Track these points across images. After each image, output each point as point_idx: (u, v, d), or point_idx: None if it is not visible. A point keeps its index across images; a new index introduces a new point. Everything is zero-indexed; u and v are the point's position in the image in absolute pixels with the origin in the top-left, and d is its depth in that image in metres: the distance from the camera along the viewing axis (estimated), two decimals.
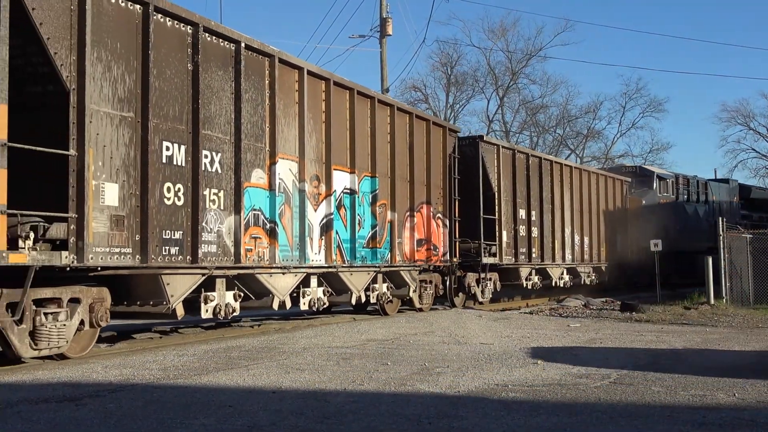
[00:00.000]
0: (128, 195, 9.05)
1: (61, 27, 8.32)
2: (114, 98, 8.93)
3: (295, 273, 12.08)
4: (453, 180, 17.10)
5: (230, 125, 10.74)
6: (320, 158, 12.76)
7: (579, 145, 54.82)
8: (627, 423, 5.78)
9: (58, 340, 8.56)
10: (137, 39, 9.28)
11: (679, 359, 9.35)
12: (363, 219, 13.84)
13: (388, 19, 30.12)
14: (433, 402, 6.54)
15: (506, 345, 10.65)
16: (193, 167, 9.99)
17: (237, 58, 10.86)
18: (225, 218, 10.54)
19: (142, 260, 9.16)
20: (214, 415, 5.98)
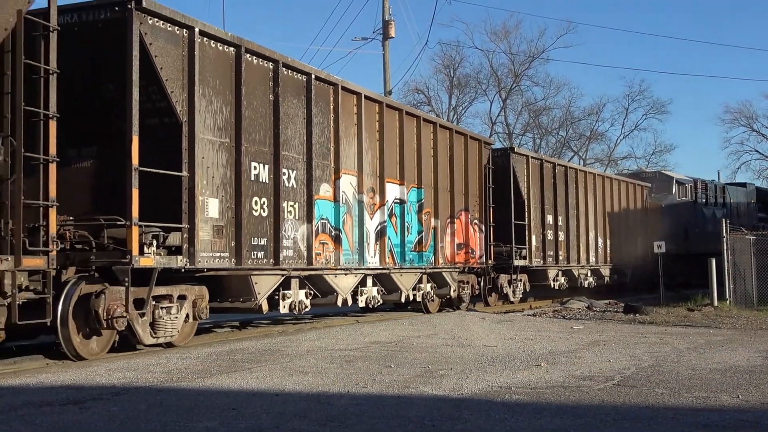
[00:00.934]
0: (226, 208, 10.74)
1: (175, 70, 10.02)
2: (215, 127, 10.62)
3: (356, 274, 13.74)
4: (488, 189, 18.70)
5: (303, 146, 12.41)
6: (375, 172, 14.40)
7: (582, 147, 54.61)
8: (631, 425, 5.80)
9: (171, 330, 10.27)
10: (231, 76, 10.97)
11: (682, 361, 9.31)
12: (411, 225, 15.47)
13: (390, 22, 30.00)
14: (436, 404, 6.55)
15: (509, 347, 10.67)
16: (274, 183, 11.67)
17: (308, 88, 12.53)
18: (299, 227, 12.21)
19: (236, 263, 10.86)
20: (217, 418, 6.00)
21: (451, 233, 17.09)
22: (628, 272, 27.24)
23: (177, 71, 10.04)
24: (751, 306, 18.06)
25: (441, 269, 16.65)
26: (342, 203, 13.30)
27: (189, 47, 10.19)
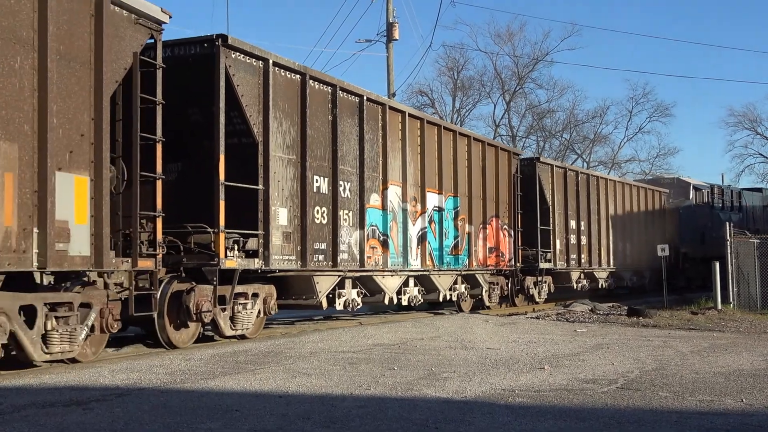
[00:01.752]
0: (293, 216, 12.20)
1: (253, 96, 11.50)
2: (284, 145, 12.09)
3: (400, 275, 15.19)
4: (516, 196, 20.10)
5: (356, 160, 13.87)
6: (417, 182, 15.84)
7: (586, 150, 54.32)
8: (634, 428, 5.80)
9: (247, 324, 11.74)
10: (297, 100, 12.44)
11: (685, 364, 9.32)
12: (448, 231, 16.90)
13: (394, 24, 29.84)
14: (440, 407, 6.56)
15: (513, 350, 10.73)
16: (332, 194, 13.13)
17: (360, 108, 13.98)
18: (353, 233, 13.66)
19: (301, 265, 12.32)
20: (221, 419, 6.02)
21: (484, 238, 18.50)
22: (647, 275, 28.54)
23: (254, 98, 11.52)
24: (754, 309, 18.09)
25: (474, 271, 18.07)
26: (389, 211, 14.74)
27: (264, 76, 11.67)
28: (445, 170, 16.84)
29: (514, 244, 20.02)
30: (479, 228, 18.32)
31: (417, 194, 15.84)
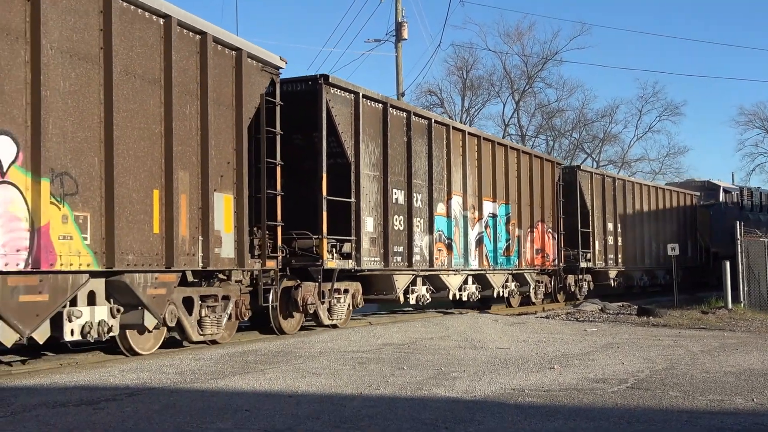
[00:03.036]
0: (377, 224, 14.43)
1: (346, 124, 13.75)
2: (370, 164, 14.32)
3: (462, 274, 17.38)
4: (558, 202, 22.21)
5: (426, 175, 16.07)
6: (475, 192, 18.00)
7: (595, 149, 53.87)
8: (644, 428, 5.78)
9: (340, 315, 13.99)
10: (380, 125, 14.67)
11: (696, 364, 9.30)
12: (500, 235, 19.05)
13: (403, 24, 29.81)
14: (449, 407, 6.56)
15: (522, 349, 10.73)
16: (408, 205, 15.34)
17: (429, 129, 16.18)
18: (424, 237, 15.87)
19: (384, 265, 14.54)
20: (231, 419, 6.04)
21: (531, 240, 20.63)
22: (680, 273, 30.42)
23: (347, 125, 13.76)
24: (765, 309, 18.19)
25: (523, 270, 20.21)
26: (452, 218, 16.93)
27: (355, 107, 13.91)
28: (498, 180, 18.98)
29: (558, 245, 22.14)
30: (527, 231, 20.45)
31: (475, 203, 18.00)
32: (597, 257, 24.25)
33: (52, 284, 8.15)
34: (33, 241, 7.84)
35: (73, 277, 8.42)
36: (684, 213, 31.57)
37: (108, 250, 8.75)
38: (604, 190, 25.10)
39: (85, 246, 8.49)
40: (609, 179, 25.83)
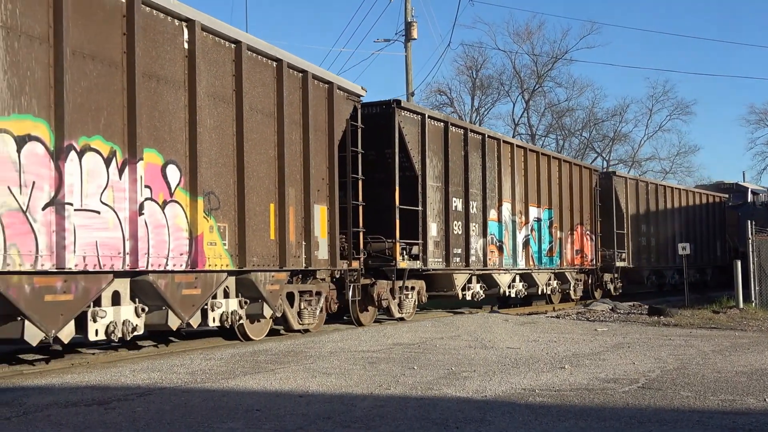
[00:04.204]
0: (440, 229, 16.42)
1: (414, 141, 15.75)
2: (434, 176, 16.31)
3: (511, 273, 19.32)
4: (596, 206, 24.08)
5: (480, 184, 18.03)
6: (522, 199, 19.93)
7: (605, 149, 54.05)
8: (656, 428, 5.75)
9: (408, 309, 15.99)
10: (441, 141, 16.65)
11: (707, 363, 9.24)
12: (544, 237, 20.96)
13: (413, 23, 29.85)
14: (460, 406, 6.55)
15: (533, 349, 10.74)
16: (465, 211, 17.32)
17: (483, 143, 18.14)
18: (478, 240, 17.83)
19: (446, 265, 16.53)
20: (241, 419, 6.05)
21: (571, 242, 22.52)
22: (709, 272, 32.13)
23: (415, 142, 15.76)
24: None
25: (564, 270, 22.11)
26: (503, 223, 18.88)
27: (421, 126, 15.91)
28: (542, 187, 20.90)
29: (595, 246, 24.01)
30: (568, 234, 22.34)
31: (522, 208, 19.93)
32: (631, 257, 26.07)
33: (203, 281, 10.24)
34: (191, 247, 9.92)
35: (216, 275, 10.50)
36: (713, 214, 33.23)
37: (240, 254, 10.83)
38: (638, 194, 26.90)
39: (225, 250, 10.57)
40: (642, 183, 27.62)
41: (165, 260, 9.48)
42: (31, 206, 7.80)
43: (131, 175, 9.01)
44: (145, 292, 9.48)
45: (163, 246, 9.46)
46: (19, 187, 7.69)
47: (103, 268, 8.61)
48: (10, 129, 7.64)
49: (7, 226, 7.54)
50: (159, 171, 9.49)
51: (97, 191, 8.58)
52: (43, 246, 7.89)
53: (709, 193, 33.62)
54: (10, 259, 7.53)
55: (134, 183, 9.03)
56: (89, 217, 8.45)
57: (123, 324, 9.14)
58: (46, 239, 7.93)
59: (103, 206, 8.65)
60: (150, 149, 9.30)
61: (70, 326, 8.48)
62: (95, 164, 8.57)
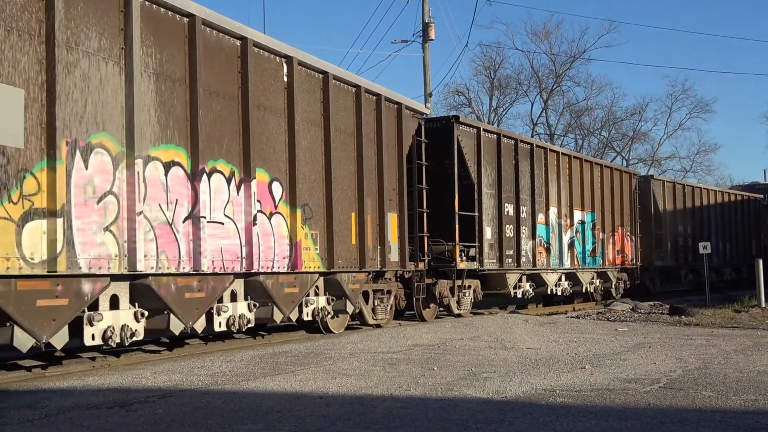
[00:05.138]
0: (494, 232, 17.91)
1: (471, 153, 17.26)
2: (488, 184, 17.81)
3: (557, 272, 20.75)
4: (635, 208, 25.41)
5: (529, 190, 19.49)
6: (567, 203, 21.35)
7: (625, 148, 53.85)
8: (677, 428, 5.72)
9: (465, 306, 17.51)
10: (495, 152, 18.14)
11: (729, 363, 9.17)
12: (588, 238, 22.35)
13: (430, 24, 29.75)
14: (480, 407, 6.54)
15: (553, 349, 10.69)
16: (516, 216, 18.79)
17: (531, 152, 19.60)
18: (528, 242, 19.29)
19: (499, 266, 18.02)
20: (261, 420, 6.07)
21: (612, 243, 23.88)
22: (744, 270, 33.22)
23: (471, 153, 17.28)
24: None
25: (606, 269, 23.48)
26: (550, 226, 20.32)
27: (477, 138, 17.42)
28: (585, 192, 22.29)
29: (635, 246, 25.34)
30: (609, 235, 23.71)
31: (567, 212, 21.35)
32: (669, 256, 27.33)
33: (301, 280, 11.85)
34: (291, 252, 11.54)
35: (310, 276, 12.11)
36: (748, 214, 34.31)
37: (328, 257, 12.42)
38: (675, 196, 28.16)
39: (317, 254, 12.17)
40: (679, 186, 28.88)
41: (271, 263, 11.10)
42: (174, 220, 9.46)
43: (246, 192, 10.65)
44: (255, 291, 11.10)
45: (269, 251, 11.09)
46: (166, 204, 9.34)
47: (226, 270, 10.25)
48: (160, 156, 9.30)
49: (159, 236, 9.20)
50: (266, 187, 11.12)
51: (221, 206, 10.22)
52: (184, 252, 9.55)
53: (744, 194, 34.71)
54: (161, 263, 9.19)
55: (249, 198, 10.67)
56: (216, 227, 10.10)
57: (239, 318, 10.77)
58: (186, 247, 9.59)
59: (226, 218, 10.30)
60: (260, 169, 10.94)
61: (202, 319, 10.11)
62: (220, 183, 10.22)
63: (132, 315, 9.08)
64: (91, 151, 8.37)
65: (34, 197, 7.70)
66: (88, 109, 8.36)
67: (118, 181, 8.71)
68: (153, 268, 9.05)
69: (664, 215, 27.24)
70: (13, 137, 7.51)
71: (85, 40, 8.37)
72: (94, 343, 8.64)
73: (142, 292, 9.19)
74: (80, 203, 8.19)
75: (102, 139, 8.52)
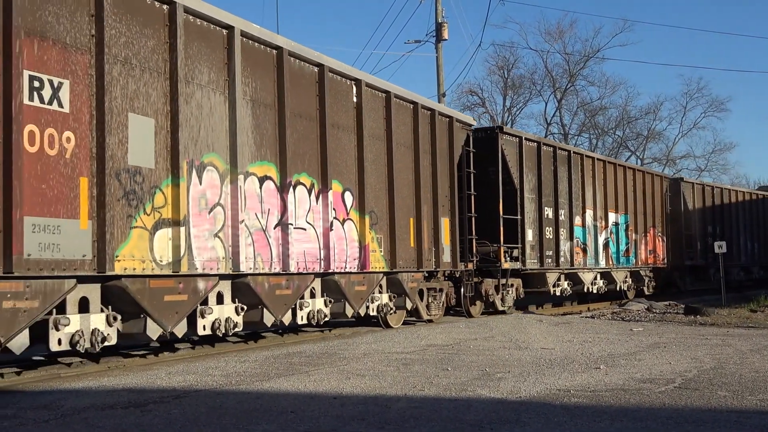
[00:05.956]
0: (535, 234, 19.19)
1: (513, 160, 18.55)
2: (529, 189, 19.09)
3: (593, 271, 21.98)
4: (666, 210, 26.55)
5: (567, 194, 20.74)
6: (602, 206, 22.57)
7: (639, 147, 53.62)
8: (693, 429, 5.69)
9: (509, 302, 18.80)
10: (535, 159, 19.41)
11: (745, 363, 9.12)
12: (621, 239, 23.55)
13: (443, 24, 29.73)
14: (494, 407, 6.53)
15: (567, 349, 10.67)
16: (555, 218, 20.05)
17: (569, 158, 20.85)
18: (566, 243, 20.54)
19: (540, 266, 19.29)
20: (276, 421, 6.08)
21: (645, 243, 25.05)
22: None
23: (514, 161, 18.57)
24: None
25: (639, 268, 24.66)
26: (586, 227, 21.55)
27: (519, 147, 18.71)
28: (618, 195, 23.49)
29: (666, 246, 26.49)
30: (641, 235, 24.88)
31: (602, 214, 22.57)
32: (698, 255, 28.41)
33: (368, 279, 13.23)
34: (360, 254, 12.92)
35: (376, 275, 13.48)
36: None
37: (391, 258, 13.79)
38: (704, 198, 29.22)
39: (381, 256, 13.54)
40: (708, 188, 29.93)
41: (344, 264, 12.49)
42: (267, 226, 10.87)
43: (324, 201, 12.04)
44: (330, 289, 12.50)
45: (343, 253, 12.48)
46: (261, 213, 10.76)
47: (308, 270, 11.65)
48: (256, 172, 10.72)
49: (255, 241, 10.61)
50: (340, 196, 12.51)
51: (303, 214, 11.62)
52: (275, 255, 10.96)
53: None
54: (257, 264, 10.60)
55: (326, 207, 12.06)
56: (300, 233, 11.50)
57: (317, 312, 12.16)
58: (276, 250, 11.00)
59: (308, 225, 11.70)
60: (335, 180, 12.33)
61: (288, 314, 11.53)
62: (302, 194, 11.62)
63: (234, 309, 10.51)
64: (203, 169, 9.81)
65: (162, 209, 9.15)
66: (201, 134, 9.79)
67: (224, 194, 10.14)
68: (251, 268, 10.47)
69: (693, 216, 28.33)
70: (146, 159, 8.95)
71: (198, 75, 9.81)
72: (205, 333, 10.07)
73: (241, 289, 10.61)
74: (196, 214, 9.63)
75: (212, 158, 9.96)
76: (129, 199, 8.70)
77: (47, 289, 7.81)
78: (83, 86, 8.24)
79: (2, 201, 7.35)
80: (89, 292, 8.48)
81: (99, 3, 8.40)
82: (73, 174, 8.05)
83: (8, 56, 7.43)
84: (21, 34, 7.55)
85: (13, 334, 7.51)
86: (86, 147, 8.22)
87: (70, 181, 8.02)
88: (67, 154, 8.02)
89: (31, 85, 7.66)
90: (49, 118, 7.84)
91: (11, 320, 7.45)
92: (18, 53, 7.49)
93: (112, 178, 8.44)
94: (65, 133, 8.00)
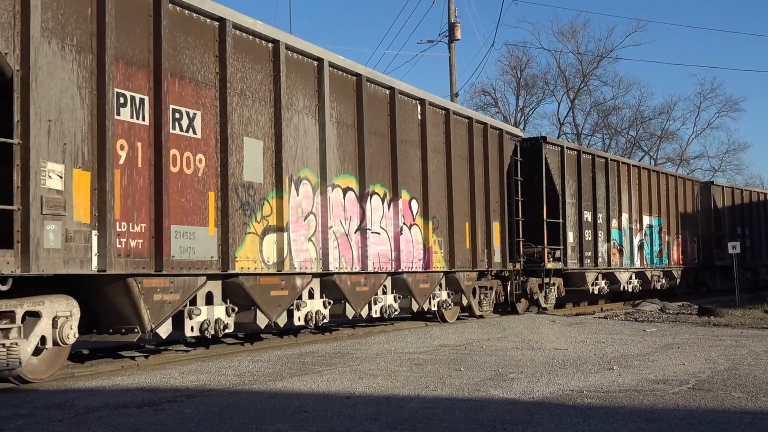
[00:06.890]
0: (575, 236, 20.62)
1: (555, 168, 19.98)
2: (570, 194, 20.51)
3: (629, 271, 23.36)
4: (697, 212, 27.84)
5: (604, 199, 22.13)
6: (637, 209, 23.93)
7: (653, 147, 53.55)
8: (707, 429, 5.68)
9: (551, 300, 20.21)
10: (576, 165, 20.84)
11: (759, 364, 9.10)
12: (655, 240, 24.88)
13: (456, 24, 29.88)
14: (507, 408, 6.53)
15: (581, 350, 10.67)
16: (593, 222, 21.47)
17: (606, 165, 22.25)
18: (604, 245, 21.94)
19: (579, 265, 20.72)
20: (288, 420, 6.14)
21: (677, 244, 26.37)
22: None
23: (556, 168, 20.02)
24: None
25: (671, 268, 25.98)
26: (622, 230, 22.94)
27: (561, 155, 20.16)
28: (652, 199, 24.84)
29: (697, 247, 27.82)
30: (674, 237, 26.20)
31: (637, 217, 23.94)
32: (728, 256, 29.61)
33: (431, 278, 14.78)
34: (424, 255, 14.46)
35: (437, 275, 15.03)
36: None
37: (450, 259, 15.33)
38: (734, 200, 30.46)
39: (442, 257, 15.08)
40: (738, 191, 31.16)
41: (411, 264, 14.05)
42: (349, 231, 12.46)
43: (394, 208, 13.61)
44: (398, 286, 14.06)
45: (410, 255, 14.04)
46: (344, 219, 12.35)
47: (382, 269, 13.22)
48: (339, 184, 12.31)
49: (340, 244, 12.20)
50: (407, 204, 14.07)
51: (378, 220, 13.20)
52: (356, 256, 12.54)
53: None
54: (341, 264, 12.19)
55: (396, 213, 13.63)
56: (375, 237, 13.08)
57: (389, 307, 13.73)
58: (357, 252, 12.58)
59: (381, 229, 13.27)
60: (404, 190, 13.90)
61: (365, 308, 13.10)
62: (377, 202, 13.20)
63: (322, 303, 12.11)
64: (300, 183, 11.41)
65: (269, 218, 10.77)
66: (298, 152, 11.40)
67: (316, 203, 11.74)
68: (337, 268, 12.06)
69: (723, 218, 29.57)
70: (257, 175, 10.58)
71: (295, 102, 11.42)
72: (300, 323, 11.68)
73: (327, 286, 12.21)
74: (294, 221, 11.24)
75: (306, 173, 11.57)
76: (244, 209, 10.33)
77: (185, 285, 9.45)
78: (210, 116, 9.87)
79: (154, 212, 8.99)
80: (214, 287, 10.12)
81: (222, 46, 10.02)
82: (204, 189, 9.69)
83: (158, 94, 9.07)
84: (168, 75, 9.20)
85: (161, 321, 9.15)
86: (213, 166, 9.86)
87: (202, 195, 9.66)
88: (200, 173, 9.66)
89: (174, 117, 9.30)
90: (186, 144, 9.48)
91: (160, 310, 9.09)
92: (166, 91, 9.13)
93: (233, 192, 10.07)
94: (198, 155, 9.64)
